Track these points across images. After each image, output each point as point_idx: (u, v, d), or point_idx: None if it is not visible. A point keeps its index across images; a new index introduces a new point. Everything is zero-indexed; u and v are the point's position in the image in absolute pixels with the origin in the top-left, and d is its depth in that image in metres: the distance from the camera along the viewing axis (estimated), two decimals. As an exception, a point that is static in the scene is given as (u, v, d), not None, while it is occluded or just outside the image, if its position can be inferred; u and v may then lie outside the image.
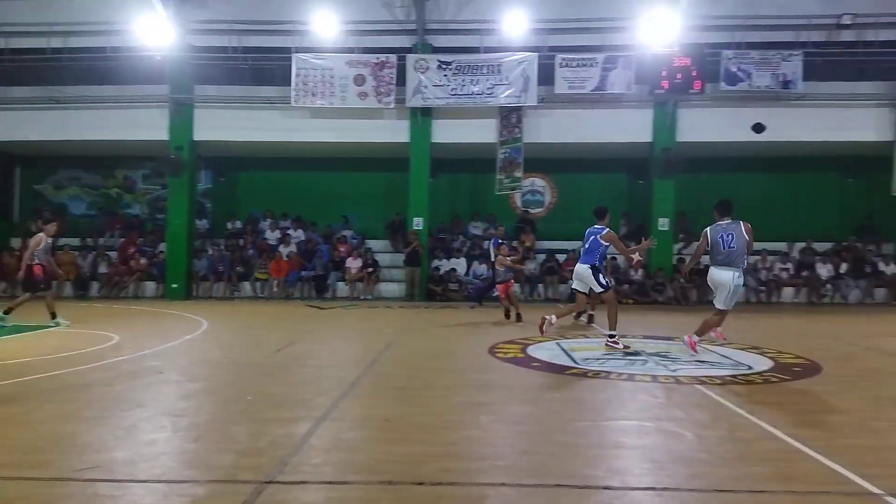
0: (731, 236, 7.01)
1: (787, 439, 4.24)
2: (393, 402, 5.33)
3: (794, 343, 8.74)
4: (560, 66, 15.41)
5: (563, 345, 8.45)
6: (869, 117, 15.55)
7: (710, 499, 3.31)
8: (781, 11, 15.63)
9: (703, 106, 15.74)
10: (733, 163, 17.77)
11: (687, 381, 6.14)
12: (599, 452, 4.07)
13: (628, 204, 18.46)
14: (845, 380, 6.36)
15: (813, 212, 17.94)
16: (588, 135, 15.97)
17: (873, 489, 3.34)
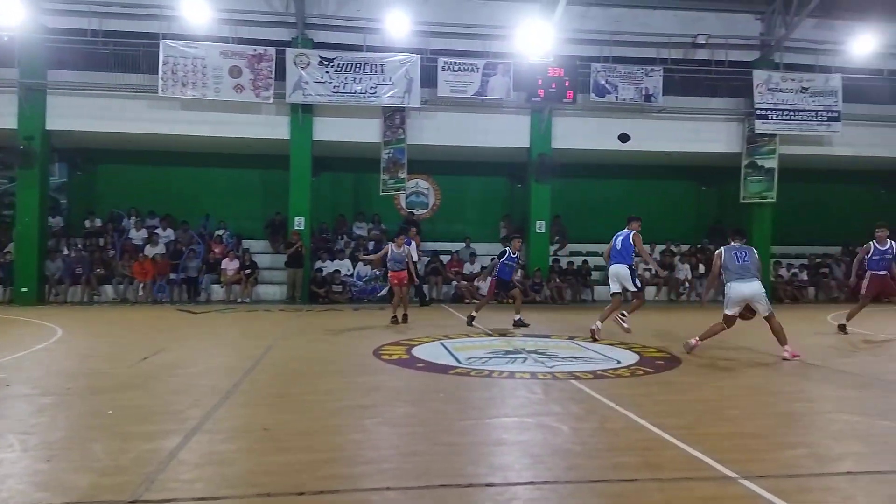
0: (744, 253, 7.72)
1: (653, 429, 4.53)
2: (272, 409, 5.11)
3: (657, 338, 9.40)
4: (442, 70, 15.62)
5: (448, 345, 8.53)
6: (721, 130, 17.11)
7: (585, 490, 3.44)
8: (643, 29, 16.82)
9: (576, 115, 16.59)
10: (603, 169, 18.88)
11: (563, 376, 6.41)
12: (483, 450, 4.13)
13: (508, 207, 19.06)
14: (703, 371, 6.92)
15: (672, 216, 19.44)
16: (470, 138, 16.31)
17: (730, 473, 3.63)
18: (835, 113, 16.65)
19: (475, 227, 18.84)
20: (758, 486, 3.41)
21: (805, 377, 6.79)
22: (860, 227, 19.26)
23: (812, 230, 19.18)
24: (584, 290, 16.91)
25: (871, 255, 10.25)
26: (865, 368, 7.16)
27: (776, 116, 16.58)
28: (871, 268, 10.24)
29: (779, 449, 4.13)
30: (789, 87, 16.65)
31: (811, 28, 17.10)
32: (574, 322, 11.71)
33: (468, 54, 16.07)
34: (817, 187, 19.45)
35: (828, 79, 16.72)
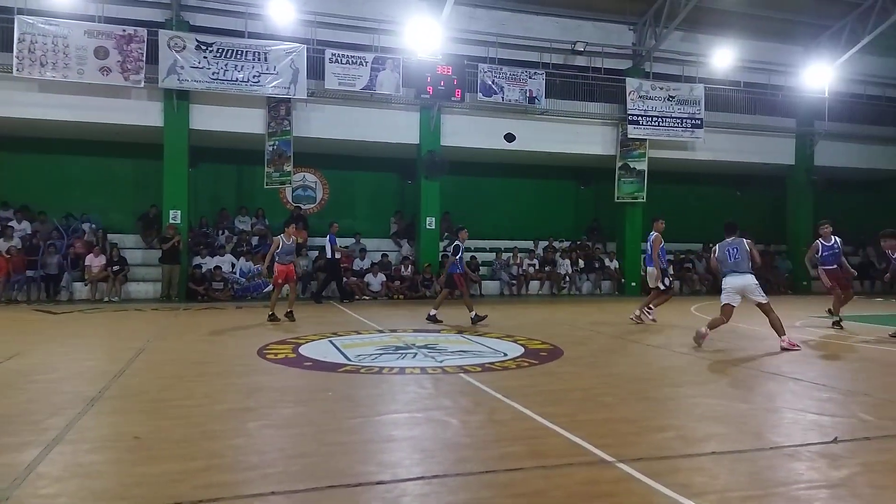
0: (735, 249, 8.23)
1: (537, 418, 4.68)
2: (145, 416, 4.76)
3: (541, 330, 9.76)
4: (330, 62, 15.32)
5: (336, 342, 8.38)
6: (598, 134, 18.06)
7: (474, 482, 3.49)
8: (527, 33, 17.42)
9: (464, 113, 16.88)
10: (490, 168, 19.36)
11: (452, 370, 6.48)
12: (372, 448, 4.08)
13: (399, 203, 19.05)
14: (582, 361, 7.27)
15: (554, 214, 20.31)
16: (359, 133, 16.13)
17: (607, 457, 3.82)
18: (698, 120, 18.09)
19: (365, 223, 18.68)
20: (632, 469, 3.62)
21: (673, 365, 7.31)
22: (719, 226, 21.12)
23: (677, 228, 20.68)
24: (473, 285, 17.23)
25: (821, 252, 10.68)
26: (726, 355, 7.81)
27: (646, 122, 17.76)
28: (824, 263, 10.68)
29: (650, 432, 4.40)
30: (658, 95, 17.88)
31: (678, 40, 18.48)
32: (463, 316, 11.90)
33: (357, 47, 15.89)
34: (682, 189, 21.05)
35: (692, 88, 18.13)
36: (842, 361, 7.62)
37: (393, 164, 18.76)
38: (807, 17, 18.62)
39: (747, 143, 19.13)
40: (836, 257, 10.64)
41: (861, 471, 3.64)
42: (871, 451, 4.01)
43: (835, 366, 7.32)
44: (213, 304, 14.19)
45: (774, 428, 4.69)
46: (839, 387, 5.95)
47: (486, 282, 17.69)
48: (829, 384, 6.04)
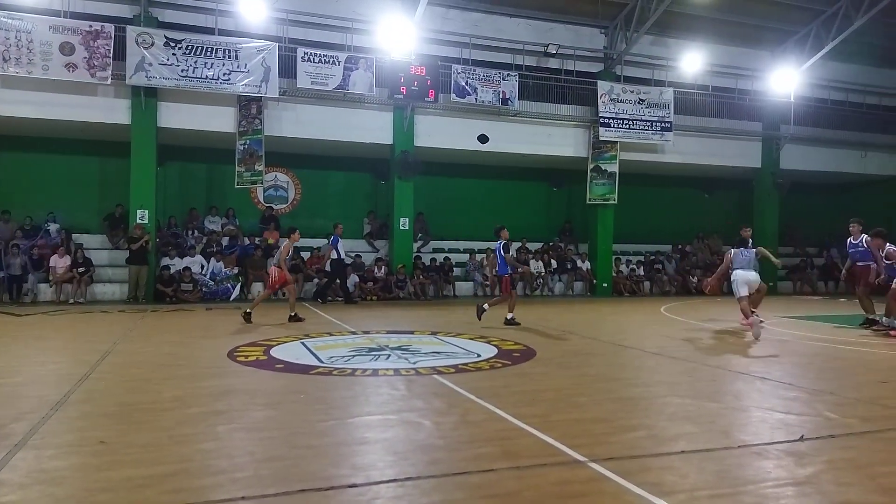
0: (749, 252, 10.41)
1: (511, 419, 4.69)
2: (111, 420, 4.65)
3: (514, 331, 9.80)
4: (302, 60, 15.18)
5: (308, 344, 8.30)
6: (570, 136, 18.21)
7: (446, 483, 3.48)
8: (499, 35, 17.49)
9: (438, 114, 16.88)
10: (464, 168, 19.38)
11: (426, 372, 6.47)
12: (345, 450, 4.05)
13: (372, 203, 18.97)
14: (555, 361, 7.31)
15: (527, 215, 20.41)
16: (332, 132, 16.02)
17: (579, 457, 3.84)
18: (667, 124, 18.35)
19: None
20: (604, 468, 3.64)
21: (642, 364, 7.40)
22: (687, 227, 21.51)
23: (647, 229, 21.03)
24: (447, 286, 17.26)
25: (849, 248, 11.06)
26: (695, 355, 7.94)
27: (617, 125, 17.96)
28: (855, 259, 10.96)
29: (622, 432, 4.44)
30: (629, 99, 18.10)
31: (648, 44, 18.73)
32: (437, 318, 11.90)
33: (330, 46, 15.78)
34: (652, 191, 21.35)
35: (662, 92, 18.39)
36: (808, 361, 7.79)
37: (366, 164, 18.67)
38: (773, 22, 19.02)
39: (715, 147, 19.48)
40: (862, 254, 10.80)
41: (826, 468, 3.72)
42: (835, 448, 4.10)
43: (801, 365, 7.48)
44: (182, 305, 13.95)
45: (743, 426, 4.77)
46: (805, 386, 6.08)
47: (460, 283, 17.71)
48: (795, 383, 6.16)
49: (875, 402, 5.34)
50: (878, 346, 8.78)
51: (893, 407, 5.19)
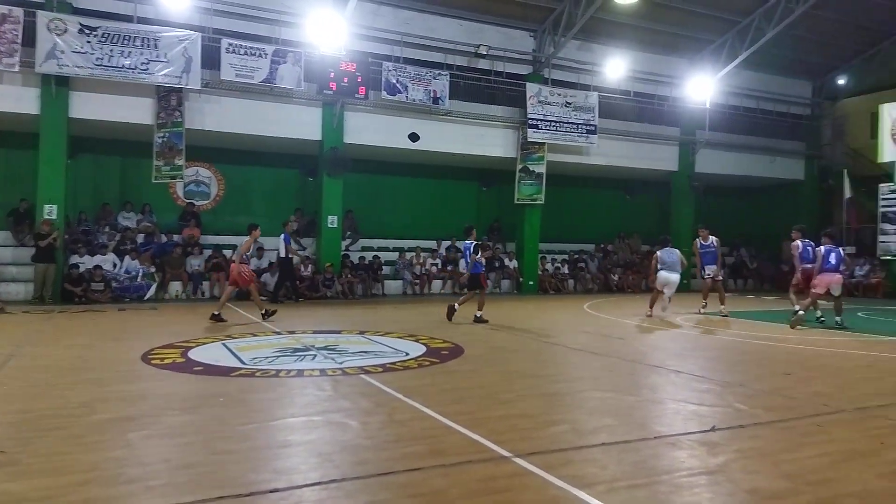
0: (674, 252, 11.96)
1: (438, 417, 4.70)
2: (12, 429, 4.34)
3: (443, 329, 9.83)
4: (227, 52, 14.68)
5: (230, 345, 8.04)
6: (499, 136, 18.44)
7: (372, 483, 3.44)
8: (431, 34, 17.51)
9: (368, 111, 16.71)
10: (394, 167, 19.28)
11: (353, 371, 6.39)
12: (266, 454, 3.94)
13: (300, 201, 18.57)
14: (483, 358, 7.38)
15: (457, 214, 20.49)
16: (258, 127, 15.57)
17: (505, 453, 3.89)
18: (592, 127, 18.89)
19: (264, 221, 17.90)
20: (528, 463, 3.71)
21: (566, 360, 7.59)
22: (609, 227, 22.24)
23: (572, 229, 21.59)
24: (376, 284, 17.12)
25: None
26: (615, 350, 8.20)
27: (545, 127, 18.33)
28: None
29: (545, 426, 4.54)
30: (556, 101, 18.50)
31: (575, 49, 19.21)
32: (365, 317, 11.79)
33: (256, 38, 15.32)
34: (577, 191, 21.91)
35: (587, 96, 18.91)
36: (718, 354, 8.20)
37: (293, 160, 18.26)
38: (692, 31, 19.90)
39: (636, 150, 20.20)
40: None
41: (736, 457, 3.92)
42: (744, 437, 4.33)
43: (712, 359, 7.87)
44: (92, 306, 13.22)
45: (658, 418, 4.97)
46: (716, 378, 6.40)
47: (389, 281, 17.61)
48: (707, 376, 6.47)
49: (779, 393, 5.68)
50: (781, 340, 9.34)
51: (795, 397, 5.53)
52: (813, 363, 7.44)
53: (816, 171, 23.14)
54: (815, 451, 4.01)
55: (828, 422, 4.70)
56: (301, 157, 17.95)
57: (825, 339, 9.40)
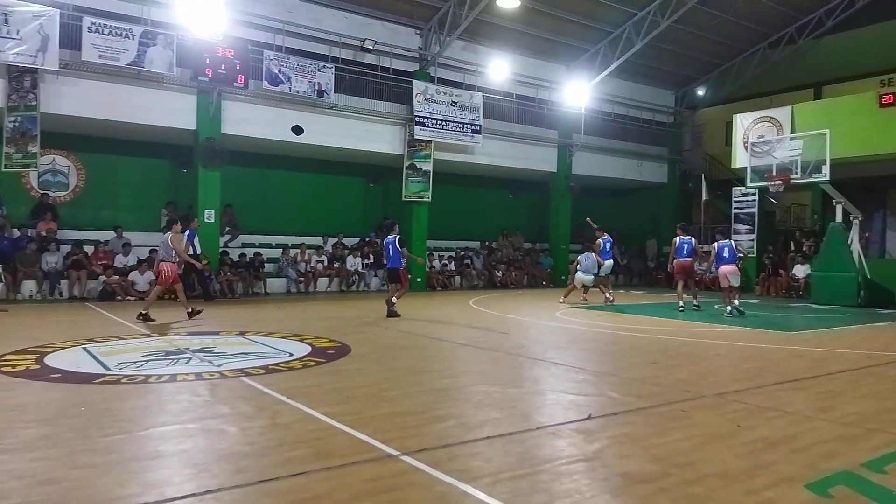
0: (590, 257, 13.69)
1: (323, 418, 4.59)
2: None
3: (329, 328, 9.64)
4: (89, 31, 13.49)
5: (92, 350, 7.40)
6: (386, 132, 18.34)
7: (252, 492, 3.29)
8: (315, 24, 17.09)
9: (248, 101, 16.01)
10: (278, 160, 18.65)
11: (232, 374, 6.10)
12: (135, 466, 3.65)
13: (172, 193, 17.47)
14: (369, 357, 7.31)
15: (343, 210, 20.25)
16: (124, 113, 14.42)
17: (392, 451, 3.87)
18: (477, 126, 19.29)
19: (130, 215, 16.81)
20: (415, 460, 3.71)
21: (453, 355, 7.69)
22: (494, 225, 22.86)
23: (458, 227, 21.97)
24: (257, 283, 16.46)
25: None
26: (500, 345, 8.43)
27: (431, 125, 18.49)
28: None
29: (433, 423, 4.56)
30: (442, 100, 18.71)
31: (460, 49, 19.52)
32: (246, 316, 11.31)
33: (122, 18, 14.21)
34: (462, 190, 22.32)
35: (472, 96, 19.28)
36: (593, 346, 8.66)
37: (165, 150, 17.13)
38: (568, 39, 20.85)
39: (518, 151, 20.89)
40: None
41: (610, 443, 4.14)
42: (617, 424, 4.59)
43: (588, 350, 8.30)
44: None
45: (540, 409, 5.16)
46: (592, 369, 6.75)
47: (272, 279, 17.00)
48: (584, 367, 6.81)
49: (647, 381, 6.08)
50: (648, 331, 10.03)
51: (662, 385, 5.94)
52: (676, 352, 8.04)
53: (678, 174, 25.09)
54: (680, 434, 4.33)
55: (691, 407, 5.09)
56: (174, 147, 16.89)
57: (687, 330, 10.20)
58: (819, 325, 11.19)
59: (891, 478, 3.53)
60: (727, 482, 3.45)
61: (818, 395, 5.57)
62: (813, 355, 7.83)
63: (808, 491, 3.33)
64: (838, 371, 6.70)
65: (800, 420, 4.72)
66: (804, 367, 6.89)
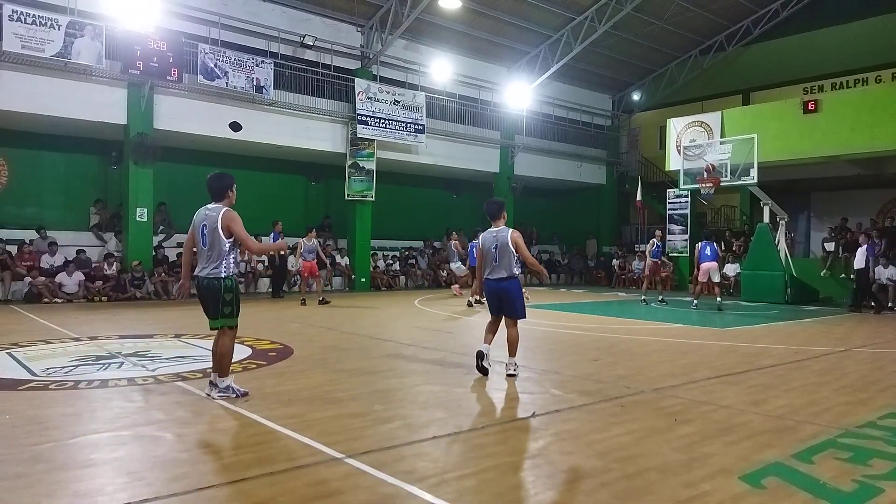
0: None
1: (265, 422, 4.48)
2: None
3: (270, 330, 9.42)
4: (10, 20, 12.76)
5: (17, 355, 6.99)
6: (328, 130, 18.09)
7: (190, 500, 3.18)
8: (252, 18, 16.69)
9: (182, 96, 15.48)
10: (215, 157, 18.03)
11: (167, 379, 5.88)
12: (64, 476, 3.47)
13: (102, 191, 16.71)
14: (313, 358, 7.18)
15: (284, 209, 19.79)
16: (50, 107, 13.71)
17: (336, 454, 3.80)
18: (420, 126, 19.27)
19: (56, 213, 16.00)
20: (360, 462, 3.66)
21: (398, 356, 7.64)
22: (438, 224, 22.89)
23: (402, 226, 21.89)
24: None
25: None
26: (445, 344, 8.43)
27: (374, 123, 18.35)
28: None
29: (378, 424, 4.52)
30: (385, 99, 18.60)
31: (402, 48, 19.46)
32: (181, 318, 10.93)
33: (47, 6, 13.50)
34: (406, 189, 22.25)
35: (415, 95, 19.25)
36: (536, 344, 8.77)
37: (93, 145, 16.36)
38: (509, 41, 21.10)
39: (461, 151, 20.99)
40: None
41: (554, 440, 4.20)
42: (560, 421, 4.66)
43: (532, 348, 8.39)
44: None
45: (485, 408, 5.19)
46: (535, 367, 6.84)
47: (209, 279, 16.48)
48: (527, 365, 6.89)
49: (588, 378, 6.21)
50: (587, 329, 10.26)
51: (602, 381, 6.08)
52: (615, 349, 8.24)
53: (615, 176, 25.78)
54: (620, 430, 4.43)
55: (630, 402, 5.23)
56: (102, 143, 16.17)
57: (624, 328, 10.48)
58: (749, 322, 11.70)
59: (818, 467, 3.72)
60: (666, 475, 3.56)
61: (750, 389, 5.82)
62: (744, 351, 8.17)
63: (743, 482, 3.46)
64: (768, 366, 7.01)
65: (733, 414, 4.91)
66: (736, 362, 7.19)
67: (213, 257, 5.07)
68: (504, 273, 6.19)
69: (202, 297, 5.18)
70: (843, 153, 15.85)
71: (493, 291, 6.31)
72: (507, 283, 6.20)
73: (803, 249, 21.84)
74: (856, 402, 5.32)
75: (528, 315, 6.78)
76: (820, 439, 4.24)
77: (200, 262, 5.17)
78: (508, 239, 6.19)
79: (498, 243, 6.22)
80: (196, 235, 5.21)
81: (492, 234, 6.34)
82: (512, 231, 6.26)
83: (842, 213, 19.55)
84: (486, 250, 6.32)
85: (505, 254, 6.19)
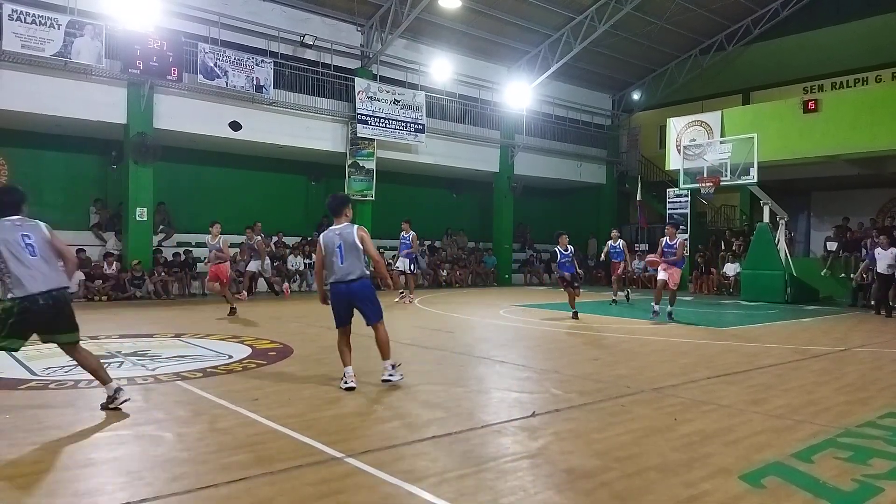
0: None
1: (265, 421, 4.48)
2: None
3: (270, 329, 9.43)
4: (10, 19, 12.75)
5: (17, 355, 6.96)
6: (328, 130, 18.08)
7: (190, 499, 3.18)
8: (252, 17, 16.68)
9: (182, 95, 15.48)
10: (215, 156, 18.10)
11: (167, 378, 5.88)
12: (65, 476, 3.47)
13: (101, 190, 16.72)
14: (312, 358, 7.18)
15: (284, 208, 19.82)
16: (50, 106, 13.70)
17: (336, 453, 3.80)
18: (420, 125, 19.26)
19: (56, 212, 15.92)
20: (360, 462, 3.66)
21: (398, 355, 7.59)
22: (438, 224, 22.89)
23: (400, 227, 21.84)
24: (193, 283, 15.95)
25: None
26: (445, 344, 8.43)
27: (374, 123, 18.35)
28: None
29: (377, 424, 4.52)
30: (385, 98, 18.59)
31: (402, 48, 19.45)
32: (181, 318, 10.94)
33: (47, 6, 13.49)
34: (407, 189, 22.24)
35: (415, 95, 19.24)
36: (536, 344, 8.79)
37: (94, 144, 16.36)
38: (509, 40, 21.09)
39: (461, 150, 20.98)
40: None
41: (554, 440, 4.20)
42: (560, 421, 4.66)
43: (531, 348, 8.41)
44: None
45: (485, 408, 5.19)
46: (535, 366, 6.84)
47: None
48: (527, 365, 6.89)
49: (588, 378, 6.21)
50: (587, 329, 10.26)
51: (602, 381, 6.08)
52: (615, 349, 8.24)
53: (615, 176, 25.77)
54: (620, 429, 4.43)
55: (630, 402, 5.23)
56: (103, 142, 16.17)
57: (625, 327, 10.48)
58: (749, 322, 11.70)
59: (818, 467, 3.72)
60: (665, 475, 3.55)
61: (749, 388, 5.82)
62: (744, 350, 8.17)
63: (743, 482, 3.46)
64: (768, 365, 7.01)
65: (733, 413, 4.91)
66: (735, 362, 7.19)
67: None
68: (354, 274, 5.62)
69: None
70: (843, 153, 15.84)
71: (342, 295, 5.68)
72: (358, 283, 5.65)
73: (803, 249, 21.83)
74: (855, 402, 5.32)
75: (528, 315, 6.75)
76: (820, 439, 4.24)
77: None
78: (354, 236, 5.64)
79: (343, 241, 5.62)
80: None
81: (335, 232, 5.70)
82: (358, 227, 5.74)
83: (842, 212, 19.53)
84: (330, 251, 5.66)
85: (352, 253, 5.62)
